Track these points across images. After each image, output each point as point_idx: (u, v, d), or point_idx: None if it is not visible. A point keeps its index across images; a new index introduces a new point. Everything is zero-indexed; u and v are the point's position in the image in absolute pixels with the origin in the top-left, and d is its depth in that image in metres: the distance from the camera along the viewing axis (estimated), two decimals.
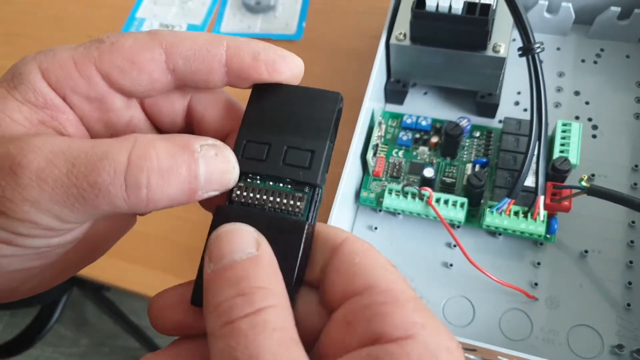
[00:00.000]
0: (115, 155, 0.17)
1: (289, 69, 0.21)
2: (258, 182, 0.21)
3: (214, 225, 0.20)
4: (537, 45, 0.35)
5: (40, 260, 0.19)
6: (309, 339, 0.18)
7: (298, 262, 0.19)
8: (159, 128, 0.23)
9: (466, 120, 0.42)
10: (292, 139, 0.20)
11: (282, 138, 0.21)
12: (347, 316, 0.17)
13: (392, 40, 0.41)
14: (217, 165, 0.19)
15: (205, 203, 0.23)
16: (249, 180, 0.21)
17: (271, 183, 0.21)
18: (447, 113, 0.45)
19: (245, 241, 0.18)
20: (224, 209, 0.20)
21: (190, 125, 0.23)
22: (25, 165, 0.16)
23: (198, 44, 0.20)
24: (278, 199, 0.20)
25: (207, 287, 0.17)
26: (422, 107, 0.45)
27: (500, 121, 0.44)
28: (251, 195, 0.20)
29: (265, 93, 0.21)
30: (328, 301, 0.18)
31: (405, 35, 0.41)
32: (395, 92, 0.44)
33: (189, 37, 0.20)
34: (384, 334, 0.15)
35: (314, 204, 0.20)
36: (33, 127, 0.18)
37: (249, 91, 0.22)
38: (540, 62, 0.35)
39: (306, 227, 0.19)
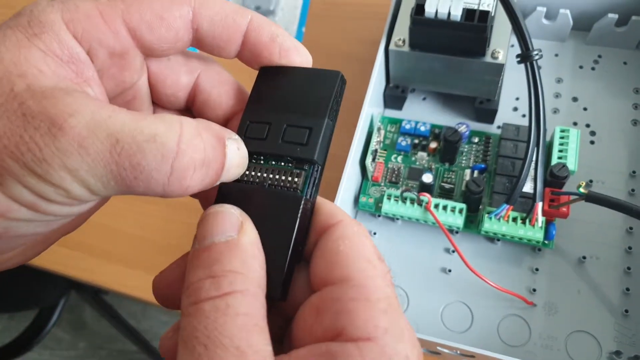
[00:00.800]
0: (164, 139, 0.16)
1: (299, 61, 0.21)
2: (262, 161, 0.21)
3: (219, 200, 0.20)
4: (536, 52, 0.35)
5: (46, 227, 0.18)
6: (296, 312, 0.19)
7: (294, 235, 0.19)
8: (156, 100, 0.23)
9: (465, 126, 0.42)
10: (291, 117, 0.21)
11: (282, 117, 0.21)
12: (319, 304, 0.17)
13: (391, 46, 0.41)
14: (237, 160, 0.19)
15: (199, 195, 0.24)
16: (253, 160, 0.21)
17: (273, 162, 0.21)
18: (445, 118, 0.45)
19: (227, 223, 0.18)
20: (226, 186, 0.21)
21: (191, 105, 0.23)
22: (67, 130, 0.15)
23: (226, 10, 0.20)
24: (277, 176, 0.20)
25: (187, 266, 0.17)
26: (421, 113, 0.46)
27: (498, 127, 0.44)
28: (252, 173, 0.21)
29: (271, 75, 0.22)
30: (311, 282, 0.18)
31: (404, 41, 0.41)
32: (394, 97, 0.45)
33: (218, 1, 0.20)
34: (346, 332, 0.15)
35: (313, 181, 0.20)
36: (60, 82, 0.17)
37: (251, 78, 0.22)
38: (539, 68, 0.35)
39: (302, 201, 0.20)
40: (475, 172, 0.41)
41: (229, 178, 0.19)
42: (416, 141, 0.43)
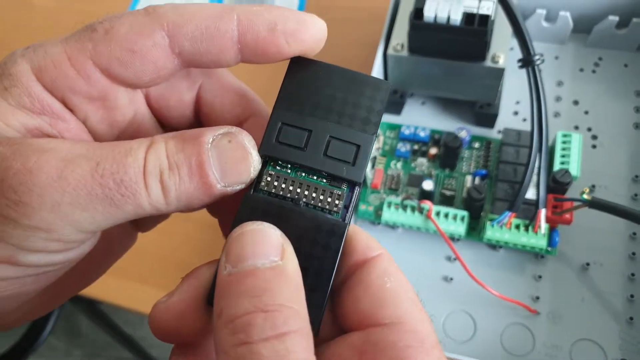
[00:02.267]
0: (138, 153, 0.16)
1: (310, 36, 0.18)
2: (289, 171, 0.18)
3: (240, 216, 0.18)
4: (537, 57, 0.34)
5: (36, 284, 0.17)
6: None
7: (335, 267, 0.17)
8: (166, 124, 0.21)
9: (465, 131, 0.41)
10: (336, 128, 0.18)
11: (324, 125, 0.18)
12: (365, 346, 0.16)
13: (390, 51, 0.40)
14: (231, 154, 0.17)
15: (216, 210, 0.22)
16: (278, 168, 0.18)
17: (303, 174, 0.18)
18: (445, 123, 0.44)
19: (270, 245, 0.16)
20: (252, 197, 0.18)
21: (200, 119, 0.21)
22: (44, 166, 0.15)
23: (205, 20, 0.17)
24: (314, 194, 0.18)
25: (222, 292, 0.15)
26: (420, 118, 0.45)
27: (499, 131, 0.43)
28: (283, 185, 0.18)
29: (306, 70, 0.19)
30: (343, 318, 0.17)
31: (402, 45, 0.40)
32: (392, 102, 0.44)
33: (194, 13, 0.17)
34: None
35: (352, 204, 0.18)
36: (30, 134, 0.17)
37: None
38: (540, 71, 0.35)
39: (346, 229, 0.18)
40: (477, 178, 0.40)
41: (237, 178, 0.17)
42: (416, 147, 0.42)
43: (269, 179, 0.18)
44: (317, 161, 0.18)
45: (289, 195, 0.18)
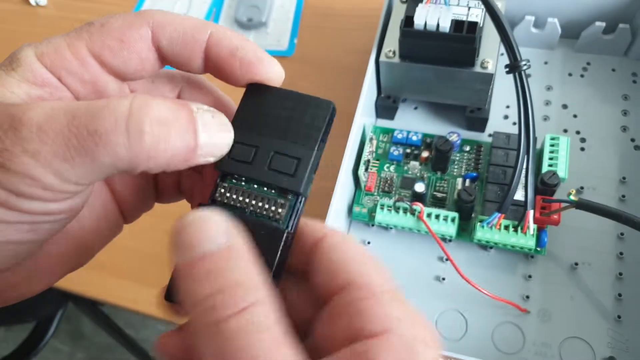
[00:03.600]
0: (115, 104, 0.17)
1: (263, 73, 0.21)
2: (243, 184, 0.21)
3: None
4: (524, 62, 0.35)
5: (32, 233, 0.18)
6: (304, 327, 0.19)
7: (274, 268, 0.19)
8: None
9: (456, 134, 0.42)
10: (279, 144, 0.20)
11: (270, 142, 0.20)
12: (332, 312, 0.17)
13: (382, 58, 0.41)
14: (214, 127, 0.19)
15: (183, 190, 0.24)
16: (234, 181, 0.21)
17: (256, 186, 0.21)
18: (437, 127, 0.45)
19: (215, 230, 0.17)
20: (205, 207, 0.20)
21: None
22: (26, 120, 0.16)
23: (184, 27, 0.20)
24: (260, 203, 0.20)
25: (182, 281, 0.16)
26: (413, 122, 0.46)
27: (489, 135, 0.44)
28: (234, 196, 0.20)
29: (259, 93, 0.21)
30: (317, 296, 0.19)
31: (394, 52, 0.41)
32: (385, 107, 0.45)
33: (176, 19, 0.20)
34: (364, 331, 0.16)
35: (296, 212, 0.20)
36: (32, 101, 0.19)
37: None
38: (527, 76, 0.36)
39: (285, 235, 0.20)
40: (467, 180, 0.41)
41: (216, 150, 0.19)
42: (408, 150, 0.44)
43: (222, 190, 0.20)
44: (262, 174, 0.20)
45: (238, 205, 0.20)
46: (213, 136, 0.19)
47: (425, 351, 0.16)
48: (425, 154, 0.43)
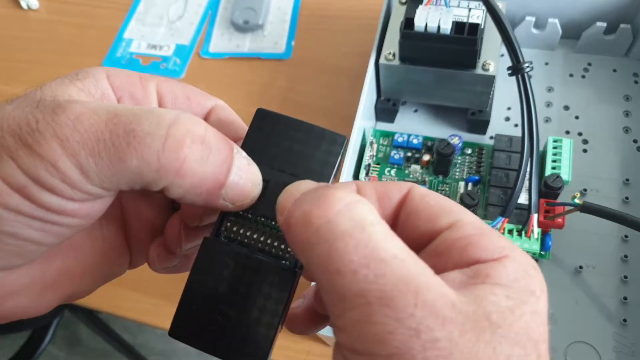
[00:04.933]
0: (162, 111, 0.17)
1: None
2: (249, 217, 0.20)
3: (199, 259, 0.19)
4: (527, 64, 0.35)
5: (41, 233, 0.18)
6: None
7: (282, 311, 0.19)
8: None
9: (457, 137, 0.42)
10: (291, 179, 0.20)
11: (280, 177, 0.20)
12: (437, 249, 0.17)
13: (382, 60, 0.41)
14: (246, 174, 0.19)
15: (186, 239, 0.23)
16: (240, 214, 0.20)
17: (263, 220, 0.20)
18: (437, 130, 0.45)
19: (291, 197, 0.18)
20: (210, 241, 0.20)
21: None
22: (68, 108, 0.16)
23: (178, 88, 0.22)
24: (269, 241, 0.20)
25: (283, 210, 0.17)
26: (413, 125, 0.45)
27: (491, 137, 0.44)
28: (241, 231, 0.20)
29: (268, 122, 0.21)
30: (415, 238, 0.18)
31: (394, 55, 0.41)
32: (385, 110, 0.44)
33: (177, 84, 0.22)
34: (481, 257, 0.16)
35: None
36: None
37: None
38: (530, 77, 0.35)
39: (295, 278, 0.19)
40: (469, 184, 0.41)
41: (240, 196, 0.19)
42: (409, 154, 0.43)
43: (228, 224, 0.20)
44: (271, 209, 0.19)
45: (245, 240, 0.20)
46: (242, 182, 0.19)
47: (537, 274, 0.16)
48: (426, 157, 0.42)
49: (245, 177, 0.19)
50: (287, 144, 0.20)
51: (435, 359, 0.14)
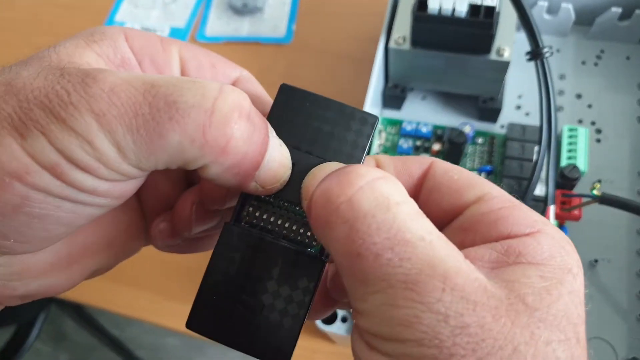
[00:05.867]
0: (205, 83, 0.16)
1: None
2: (271, 202, 0.19)
3: (220, 246, 0.18)
4: (546, 49, 0.33)
5: (72, 216, 0.16)
6: None
7: (310, 302, 0.17)
8: None
9: (469, 126, 0.40)
10: (318, 162, 0.18)
11: (307, 159, 0.18)
12: (463, 225, 0.17)
13: (391, 44, 0.39)
14: (279, 156, 0.18)
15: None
16: (263, 198, 0.19)
17: (286, 206, 0.19)
18: (446, 118, 0.43)
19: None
20: (232, 227, 0.18)
21: None
22: (100, 79, 0.15)
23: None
24: (294, 227, 0.18)
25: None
26: (421, 113, 0.44)
27: (502, 126, 0.42)
28: (264, 217, 0.18)
29: (294, 99, 0.19)
30: (441, 213, 0.18)
31: (404, 39, 0.39)
32: (393, 97, 0.42)
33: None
34: (512, 232, 0.15)
35: None
36: None
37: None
38: (549, 64, 0.34)
39: (323, 267, 0.18)
40: (482, 174, 0.39)
41: (271, 178, 0.17)
42: (418, 143, 0.41)
43: (250, 209, 0.19)
44: (296, 194, 0.18)
45: (269, 226, 0.18)
46: (275, 165, 0.17)
47: (573, 251, 0.16)
48: (436, 146, 0.40)
49: (278, 159, 0.17)
50: (314, 124, 0.19)
51: (466, 346, 0.13)
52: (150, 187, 0.21)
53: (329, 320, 0.34)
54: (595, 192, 0.34)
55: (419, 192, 0.18)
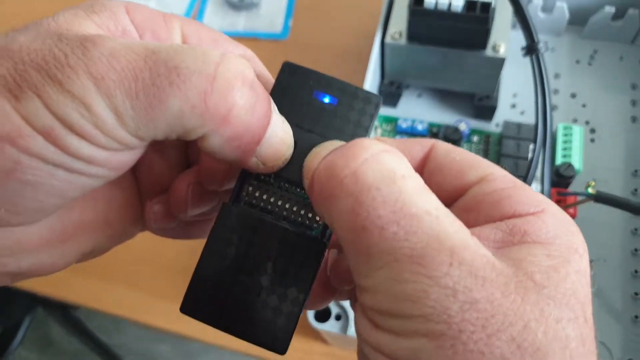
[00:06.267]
0: (207, 49, 0.15)
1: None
2: (271, 182, 0.18)
3: (218, 227, 0.18)
4: (542, 44, 0.33)
5: (67, 185, 0.15)
6: None
7: (309, 286, 0.17)
8: None
9: (464, 123, 0.40)
10: (321, 141, 0.18)
11: (309, 138, 0.18)
12: (466, 205, 0.16)
13: (387, 39, 0.38)
14: (282, 132, 0.17)
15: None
16: (263, 178, 0.18)
17: (286, 186, 0.18)
18: (442, 116, 0.43)
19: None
20: (230, 207, 0.18)
21: None
22: (99, 42, 0.14)
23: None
24: (294, 208, 0.18)
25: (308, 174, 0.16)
26: (417, 110, 0.43)
27: (497, 124, 0.42)
28: (264, 197, 0.18)
29: (296, 78, 0.18)
30: (444, 193, 0.17)
31: (400, 34, 0.38)
32: (389, 94, 0.42)
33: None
34: (517, 211, 0.15)
35: None
36: None
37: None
38: (544, 59, 0.33)
39: (324, 249, 0.17)
40: None
41: (273, 155, 0.17)
42: None
43: (250, 189, 0.18)
44: (297, 174, 0.18)
45: (269, 207, 0.18)
46: (277, 142, 0.17)
47: (578, 231, 0.15)
48: None
49: (280, 135, 0.17)
50: (315, 102, 0.18)
51: (475, 322, 0.12)
52: (147, 167, 0.20)
53: (323, 318, 0.34)
54: (590, 190, 0.33)
55: (421, 173, 0.17)
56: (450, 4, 0.35)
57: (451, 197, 0.17)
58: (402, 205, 0.13)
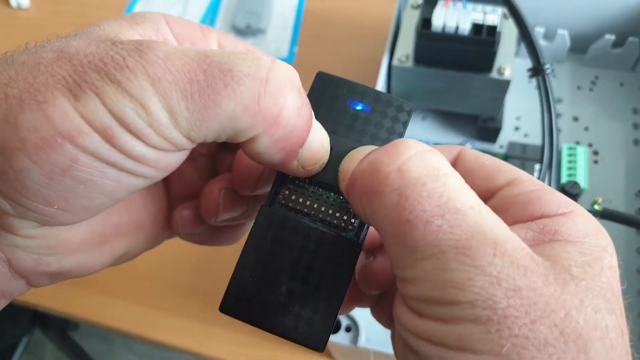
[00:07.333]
0: (258, 55, 0.16)
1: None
2: (307, 186, 0.19)
3: (257, 227, 0.18)
4: (547, 66, 0.34)
5: (115, 185, 0.16)
6: None
7: (347, 286, 0.17)
8: None
9: (469, 144, 0.41)
10: (355, 147, 0.18)
11: (344, 144, 0.18)
12: (495, 207, 0.16)
13: (395, 62, 0.40)
14: (320, 136, 0.18)
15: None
16: (298, 183, 0.19)
17: (321, 190, 0.19)
18: (446, 138, 0.44)
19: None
20: (269, 209, 0.18)
21: None
22: (154, 47, 0.15)
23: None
24: (331, 211, 0.18)
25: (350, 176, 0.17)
26: (421, 133, 0.44)
27: (501, 146, 0.43)
28: (300, 200, 0.18)
29: (330, 87, 0.19)
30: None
31: (407, 57, 0.40)
32: None
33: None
34: (546, 212, 0.16)
35: (367, 224, 0.18)
36: None
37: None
38: (550, 81, 0.34)
39: (359, 250, 0.18)
40: None
41: (312, 159, 0.18)
42: None
43: (287, 192, 0.19)
44: (332, 179, 0.18)
45: (305, 210, 0.18)
46: (316, 146, 0.18)
47: (605, 233, 0.16)
48: None
49: (319, 140, 0.18)
50: (350, 110, 0.19)
51: (519, 308, 0.13)
52: (178, 174, 0.21)
53: (333, 331, 0.34)
54: (596, 207, 0.34)
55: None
56: (457, 27, 0.36)
57: (484, 194, 0.17)
58: (446, 200, 0.14)
